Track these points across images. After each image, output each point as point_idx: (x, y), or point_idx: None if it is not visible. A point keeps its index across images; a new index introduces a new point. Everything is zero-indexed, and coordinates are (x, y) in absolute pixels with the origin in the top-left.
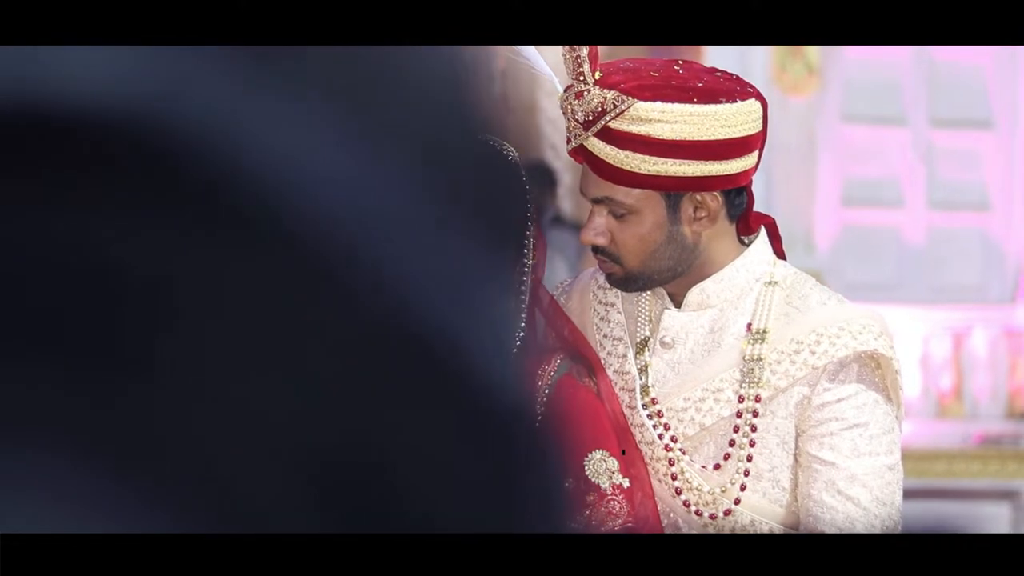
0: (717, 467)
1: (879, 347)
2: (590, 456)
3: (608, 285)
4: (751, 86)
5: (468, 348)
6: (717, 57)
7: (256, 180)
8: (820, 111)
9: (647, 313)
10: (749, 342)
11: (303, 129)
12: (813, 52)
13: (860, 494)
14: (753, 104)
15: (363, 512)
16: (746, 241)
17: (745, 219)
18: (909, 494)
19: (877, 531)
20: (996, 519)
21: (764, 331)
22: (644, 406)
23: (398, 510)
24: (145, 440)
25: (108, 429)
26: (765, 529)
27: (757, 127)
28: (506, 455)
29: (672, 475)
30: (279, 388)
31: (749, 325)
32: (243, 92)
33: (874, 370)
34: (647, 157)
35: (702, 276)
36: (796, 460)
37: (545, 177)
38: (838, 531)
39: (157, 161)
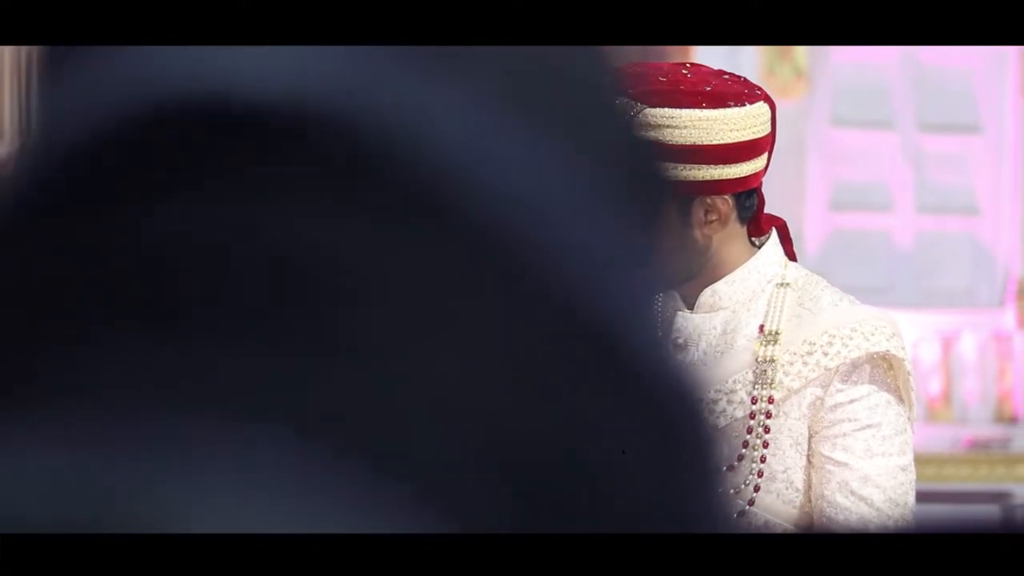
0: (731, 468)
1: (891, 348)
2: None
3: None
4: (759, 88)
5: (637, 339)
6: (705, 59)
7: (437, 171)
8: (809, 114)
9: (659, 315)
10: (761, 344)
11: (479, 124)
12: (801, 55)
13: (873, 495)
14: (761, 107)
15: (540, 511)
16: (757, 243)
17: (756, 221)
18: None
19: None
20: (986, 522)
21: (776, 333)
22: None
23: (570, 508)
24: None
25: (298, 418)
26: (779, 531)
27: (766, 129)
28: (676, 448)
29: None
30: (456, 377)
31: (761, 327)
32: (424, 89)
33: (886, 371)
34: None
35: (714, 278)
36: (809, 461)
37: None
38: (849, 532)
39: (347, 156)
